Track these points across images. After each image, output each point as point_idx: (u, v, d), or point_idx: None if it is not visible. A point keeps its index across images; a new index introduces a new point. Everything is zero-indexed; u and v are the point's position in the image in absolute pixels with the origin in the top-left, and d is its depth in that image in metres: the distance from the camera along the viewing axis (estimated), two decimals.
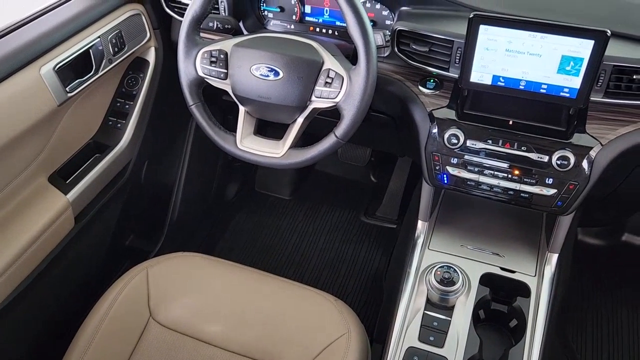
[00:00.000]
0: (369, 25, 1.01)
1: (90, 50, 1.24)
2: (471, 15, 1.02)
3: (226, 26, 1.25)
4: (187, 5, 1.34)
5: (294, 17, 1.36)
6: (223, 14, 1.31)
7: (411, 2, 1.18)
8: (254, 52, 1.10)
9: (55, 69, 1.15)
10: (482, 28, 1.02)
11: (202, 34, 1.17)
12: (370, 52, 1.02)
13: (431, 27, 1.12)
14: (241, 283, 1.22)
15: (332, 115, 1.13)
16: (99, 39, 1.26)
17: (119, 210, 1.53)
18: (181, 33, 1.13)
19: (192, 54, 1.14)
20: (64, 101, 1.19)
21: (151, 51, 1.45)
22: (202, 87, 1.18)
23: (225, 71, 1.13)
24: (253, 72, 1.10)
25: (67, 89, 1.19)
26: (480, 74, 1.09)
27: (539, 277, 1.20)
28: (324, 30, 1.35)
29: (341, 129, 1.07)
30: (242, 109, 1.17)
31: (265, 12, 1.38)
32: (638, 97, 1.03)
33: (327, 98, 1.07)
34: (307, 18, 1.36)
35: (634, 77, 1.01)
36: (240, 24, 1.32)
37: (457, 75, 1.13)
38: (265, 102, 1.11)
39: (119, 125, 1.43)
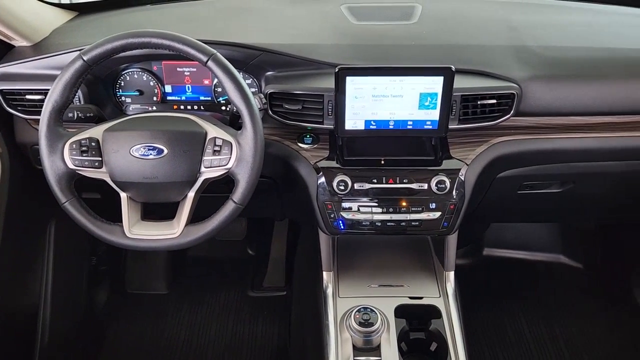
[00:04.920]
0: (248, 88, 1.04)
1: None
2: (337, 70, 1.11)
3: (88, 114, 1.17)
4: (32, 101, 1.25)
5: (154, 98, 1.34)
6: (78, 103, 1.24)
7: (275, 67, 1.24)
8: (130, 133, 1.05)
9: None
10: (349, 79, 1.12)
11: None
12: (255, 114, 1.04)
13: (300, 85, 1.19)
14: None
15: (212, 190, 1.12)
16: None
17: None
18: (41, 127, 1.04)
19: (58, 147, 1.05)
20: None
21: None
22: (74, 181, 1.08)
23: (100, 159, 1.06)
24: (133, 153, 1.04)
25: None
26: (354, 121, 1.18)
27: (444, 297, 1.29)
28: (188, 107, 1.35)
29: (238, 194, 1.06)
30: (124, 195, 1.10)
31: (123, 98, 1.34)
32: (484, 120, 1.21)
33: (218, 166, 1.06)
34: (169, 97, 1.34)
35: (478, 102, 1.18)
36: None
37: (331, 127, 1.20)
38: (151, 183, 1.06)
39: None
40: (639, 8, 1.51)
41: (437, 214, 1.22)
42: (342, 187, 1.20)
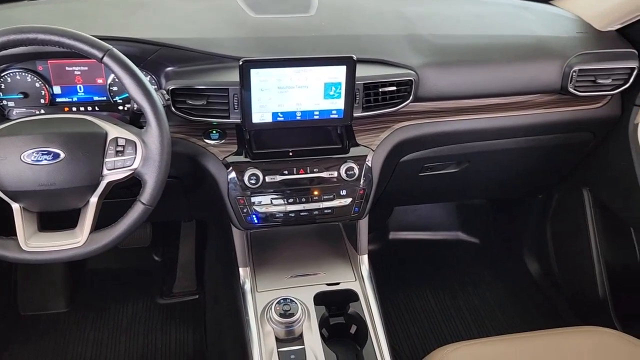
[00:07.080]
0: (149, 84, 1.00)
1: None
2: (241, 62, 1.09)
3: None
4: None
5: (42, 100, 1.23)
6: None
7: (175, 63, 1.20)
8: (20, 138, 0.97)
9: None
10: (253, 72, 1.11)
11: None
12: (159, 111, 1.00)
13: (203, 80, 1.16)
14: None
15: (115, 196, 1.06)
16: None
17: None
18: None
19: None
20: None
21: None
22: None
23: None
24: (25, 160, 0.96)
25: None
26: (261, 114, 1.17)
27: (359, 280, 1.32)
28: (82, 109, 1.26)
29: (147, 194, 1.01)
30: (16, 206, 1.00)
31: (4, 102, 1.22)
32: (386, 107, 1.26)
33: (123, 167, 1.00)
34: (59, 99, 1.25)
35: (379, 90, 1.23)
36: None
37: (238, 121, 1.19)
38: (48, 190, 0.98)
39: None
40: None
41: (348, 200, 1.25)
42: (253, 181, 1.19)
